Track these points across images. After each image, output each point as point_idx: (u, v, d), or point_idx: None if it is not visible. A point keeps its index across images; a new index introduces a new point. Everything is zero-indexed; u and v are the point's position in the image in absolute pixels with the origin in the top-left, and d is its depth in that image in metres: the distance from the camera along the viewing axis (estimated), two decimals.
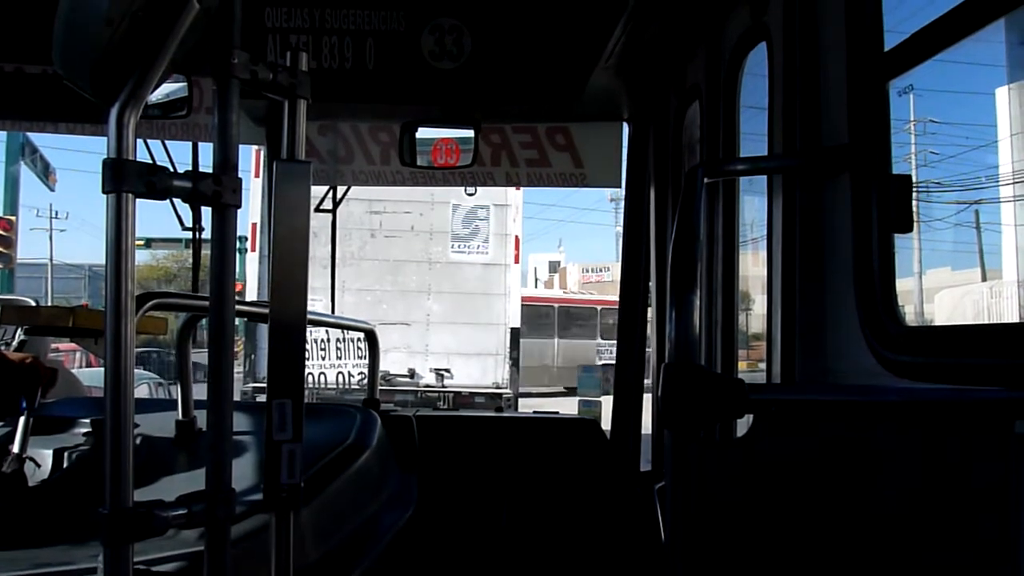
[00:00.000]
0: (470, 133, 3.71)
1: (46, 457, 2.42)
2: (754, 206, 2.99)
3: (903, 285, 1.95)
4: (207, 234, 1.63)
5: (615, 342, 3.80)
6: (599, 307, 24.71)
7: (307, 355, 1.75)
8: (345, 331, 10.51)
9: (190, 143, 4.84)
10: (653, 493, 3.21)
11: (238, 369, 10.47)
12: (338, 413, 3.15)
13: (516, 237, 12.54)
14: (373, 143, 4.54)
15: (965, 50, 1.76)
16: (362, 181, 4.74)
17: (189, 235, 7.06)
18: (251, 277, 12.25)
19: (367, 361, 3.94)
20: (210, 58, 1.40)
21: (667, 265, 1.84)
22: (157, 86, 1.33)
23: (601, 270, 36.98)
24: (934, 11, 1.72)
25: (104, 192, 1.26)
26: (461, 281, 12.33)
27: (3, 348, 3.47)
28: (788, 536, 1.59)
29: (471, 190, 11.64)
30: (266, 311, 1.56)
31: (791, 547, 1.59)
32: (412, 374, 12.05)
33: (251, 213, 12.02)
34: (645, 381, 3.70)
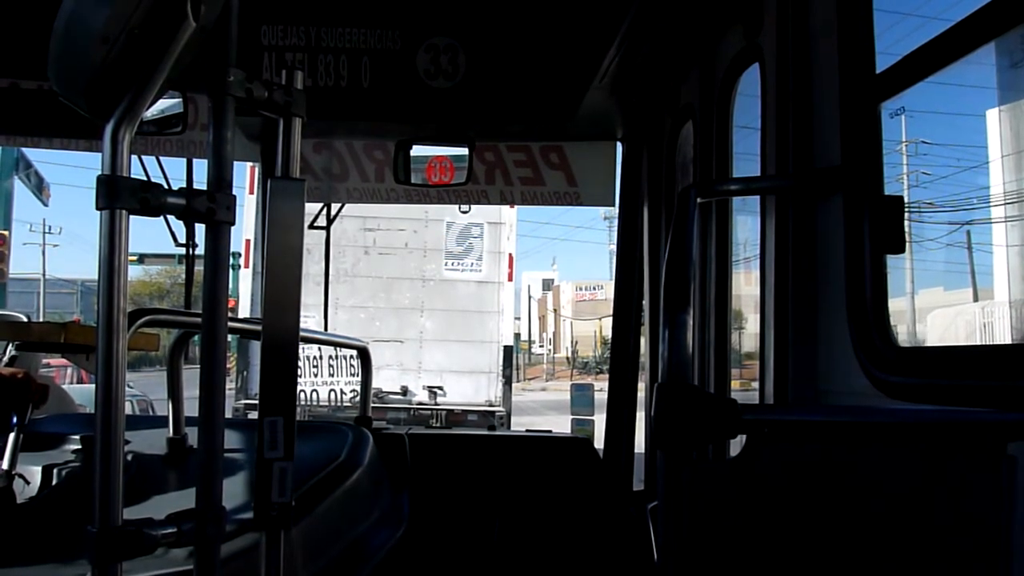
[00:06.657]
0: (464, 151, 3.72)
1: (35, 474, 2.41)
2: (747, 226, 3.00)
3: (895, 305, 1.96)
4: (200, 250, 1.64)
5: None
6: None
7: (299, 372, 1.74)
8: (338, 348, 10.49)
9: (185, 159, 4.84)
10: (646, 513, 3.20)
11: (230, 386, 10.43)
12: (330, 431, 3.14)
13: (510, 255, 12.53)
14: (368, 161, 4.54)
15: (956, 72, 1.77)
16: (356, 198, 4.75)
17: (182, 250, 7.04)
18: (244, 294, 12.21)
19: (360, 378, 3.93)
20: (206, 76, 1.41)
21: (660, 284, 1.85)
22: (153, 103, 1.33)
23: (595, 288, 37.04)
24: (925, 34, 1.74)
25: (98, 208, 1.25)
26: (454, 299, 12.31)
27: None
28: (781, 557, 1.58)
29: (465, 208, 11.65)
30: (259, 328, 1.56)
31: (784, 568, 1.58)
32: (405, 392, 12.00)
33: (245, 229, 12.00)
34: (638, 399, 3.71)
